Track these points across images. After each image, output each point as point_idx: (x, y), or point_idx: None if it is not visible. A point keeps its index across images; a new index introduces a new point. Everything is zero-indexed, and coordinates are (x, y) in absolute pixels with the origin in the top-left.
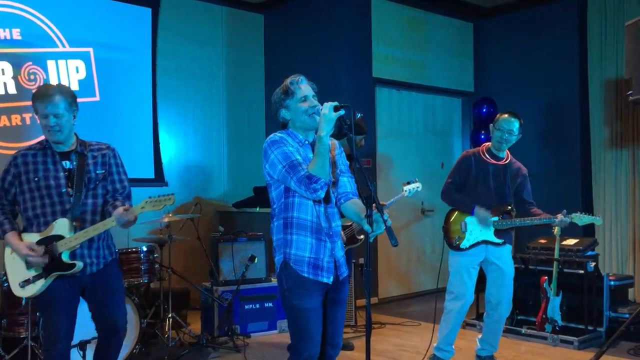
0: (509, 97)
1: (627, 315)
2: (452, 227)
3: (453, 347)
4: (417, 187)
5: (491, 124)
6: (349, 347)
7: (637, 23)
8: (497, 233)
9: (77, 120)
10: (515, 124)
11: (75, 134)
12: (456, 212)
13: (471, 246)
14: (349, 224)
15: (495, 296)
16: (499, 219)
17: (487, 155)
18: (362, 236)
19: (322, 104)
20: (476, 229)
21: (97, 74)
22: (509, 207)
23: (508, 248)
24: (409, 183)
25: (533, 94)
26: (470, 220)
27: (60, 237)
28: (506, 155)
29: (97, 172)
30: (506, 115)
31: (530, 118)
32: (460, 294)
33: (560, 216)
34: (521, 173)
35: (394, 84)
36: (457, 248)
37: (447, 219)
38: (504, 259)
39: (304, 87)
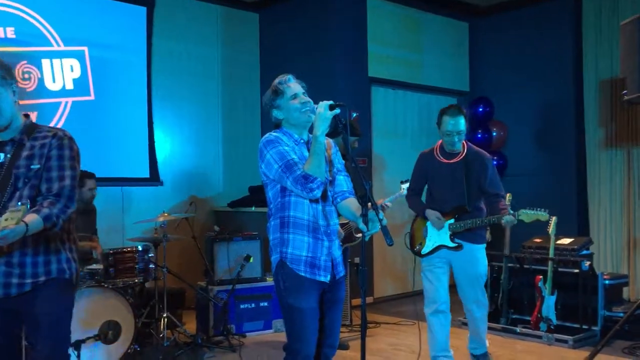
0: (504, 96)
1: (621, 314)
2: (416, 233)
3: (449, 351)
4: None
5: (437, 123)
6: (344, 346)
7: (632, 23)
8: (455, 236)
9: (71, 120)
10: (461, 121)
11: (26, 116)
12: (418, 218)
13: (431, 251)
14: (346, 222)
15: (463, 298)
16: (454, 220)
17: (439, 154)
18: (359, 234)
19: (317, 103)
20: (435, 233)
21: (92, 73)
22: (465, 208)
23: (474, 248)
24: (407, 181)
25: (528, 93)
26: (430, 225)
27: None
28: (462, 148)
29: (32, 167)
30: (448, 118)
31: (525, 117)
32: (431, 299)
33: (507, 216)
34: (479, 163)
35: (389, 84)
36: (419, 254)
37: (412, 225)
38: (467, 259)
39: (293, 85)
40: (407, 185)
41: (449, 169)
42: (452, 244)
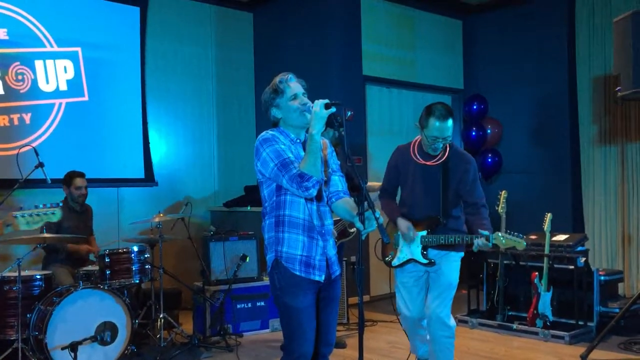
0: (498, 93)
1: (617, 310)
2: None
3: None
4: None
5: (418, 123)
6: (341, 344)
7: (625, 19)
8: (427, 249)
9: (65, 121)
10: (449, 125)
11: None
12: (391, 224)
13: (401, 264)
14: (339, 218)
15: (427, 307)
16: (427, 233)
17: (417, 153)
18: (353, 229)
19: (312, 102)
20: (405, 245)
21: (86, 73)
22: (438, 219)
23: (450, 257)
24: None
25: (522, 91)
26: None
27: None
28: (443, 150)
29: None
30: (435, 121)
31: (519, 115)
32: (407, 318)
33: (479, 239)
34: (461, 168)
35: (384, 82)
36: (389, 265)
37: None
38: (441, 268)
39: (294, 85)
40: None
41: (424, 171)
42: (423, 260)
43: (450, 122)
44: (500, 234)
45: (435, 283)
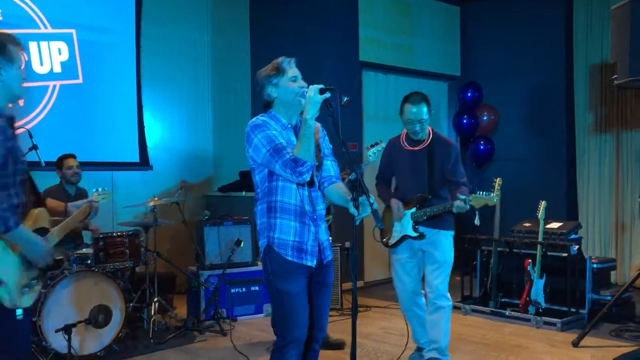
0: (495, 81)
1: (609, 298)
2: (385, 224)
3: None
4: (382, 147)
5: (399, 111)
6: (338, 345)
7: (623, 7)
8: (417, 225)
9: (59, 104)
10: (423, 109)
11: None
12: (387, 208)
13: (397, 243)
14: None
15: (426, 286)
16: (416, 209)
17: (405, 141)
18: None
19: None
20: (398, 224)
21: (80, 55)
22: (426, 196)
23: (437, 233)
24: (374, 145)
25: (519, 78)
26: None
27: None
28: (427, 136)
29: None
30: (410, 106)
31: (515, 102)
32: (396, 285)
33: (457, 202)
34: (443, 151)
35: (380, 68)
36: (387, 245)
37: (382, 215)
38: (431, 244)
39: (294, 69)
40: (373, 150)
41: (412, 156)
42: (414, 234)
43: (423, 106)
44: (474, 195)
45: (430, 259)
